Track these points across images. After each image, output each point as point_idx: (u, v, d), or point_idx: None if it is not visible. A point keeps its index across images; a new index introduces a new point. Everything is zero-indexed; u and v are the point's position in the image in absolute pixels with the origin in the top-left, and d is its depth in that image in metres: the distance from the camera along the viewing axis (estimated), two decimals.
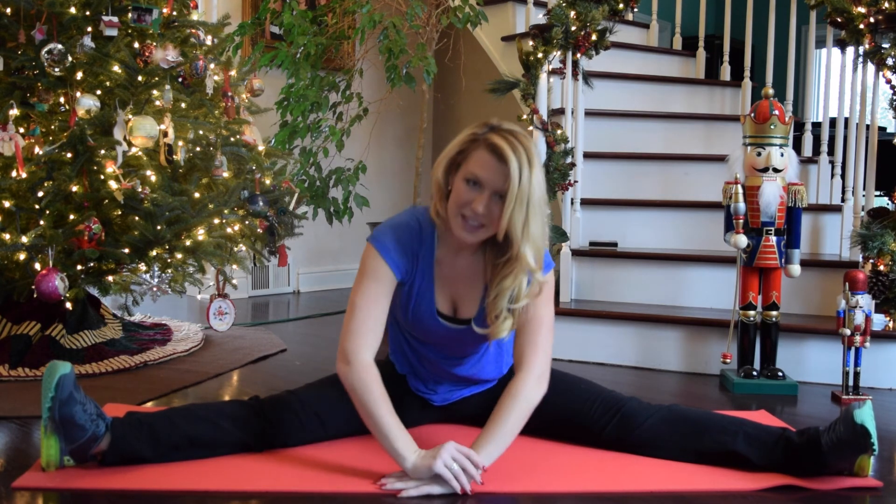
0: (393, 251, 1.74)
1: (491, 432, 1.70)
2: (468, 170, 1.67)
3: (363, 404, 1.69)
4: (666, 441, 1.85)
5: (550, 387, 1.82)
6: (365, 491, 1.66)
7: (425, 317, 1.82)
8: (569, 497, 1.68)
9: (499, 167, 1.63)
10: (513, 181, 1.62)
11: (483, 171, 1.65)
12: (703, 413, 1.94)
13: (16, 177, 2.48)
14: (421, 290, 1.80)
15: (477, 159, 1.66)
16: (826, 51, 3.74)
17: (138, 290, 2.94)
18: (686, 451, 1.85)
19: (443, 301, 1.83)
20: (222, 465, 1.76)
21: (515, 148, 1.64)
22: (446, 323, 1.83)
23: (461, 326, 1.83)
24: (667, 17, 5.43)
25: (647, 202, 3.49)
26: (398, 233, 1.77)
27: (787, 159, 2.58)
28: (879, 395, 2.55)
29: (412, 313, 1.82)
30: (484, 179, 1.65)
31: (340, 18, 4.14)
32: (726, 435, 1.83)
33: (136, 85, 2.65)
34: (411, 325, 1.87)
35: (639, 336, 2.93)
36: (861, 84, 3.03)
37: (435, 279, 1.80)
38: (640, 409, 1.90)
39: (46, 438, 1.67)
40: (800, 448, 1.76)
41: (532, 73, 3.19)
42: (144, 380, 2.53)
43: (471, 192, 1.66)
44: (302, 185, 3.85)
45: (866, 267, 2.67)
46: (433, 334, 1.87)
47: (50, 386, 1.64)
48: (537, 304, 1.78)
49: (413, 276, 1.78)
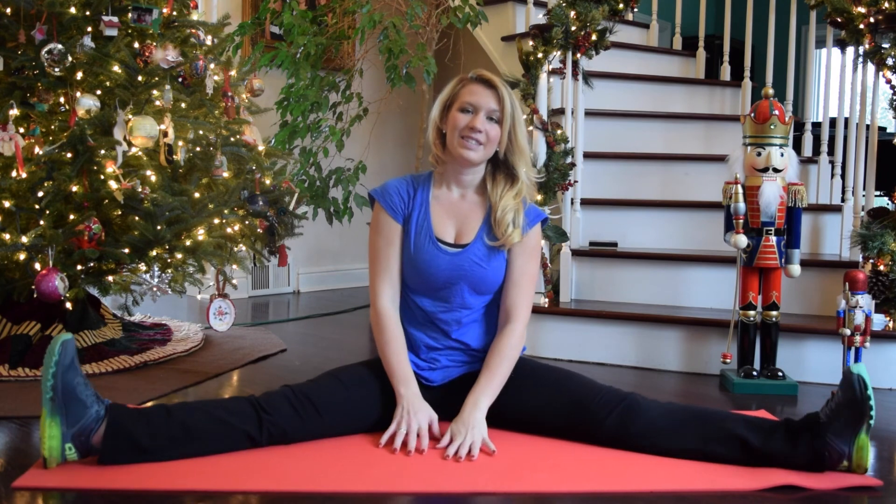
0: (389, 194, 2.02)
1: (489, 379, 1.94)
2: (461, 101, 1.96)
3: (378, 343, 1.99)
4: (669, 430, 1.87)
5: (553, 378, 1.96)
6: (365, 491, 1.66)
7: (425, 244, 1.99)
8: (569, 497, 1.68)
9: (488, 92, 1.95)
10: (505, 101, 1.94)
11: (475, 96, 1.95)
12: (704, 407, 2.00)
13: (16, 177, 2.48)
14: (419, 221, 2.01)
15: (468, 91, 1.96)
16: (826, 51, 3.74)
17: (138, 290, 2.94)
18: (688, 438, 1.85)
19: (444, 230, 2.02)
20: (222, 465, 1.76)
21: (498, 78, 1.98)
22: (447, 248, 2.00)
23: (460, 250, 2.00)
24: (667, 17, 5.43)
25: (647, 202, 3.49)
26: (395, 180, 2.07)
27: (787, 159, 2.58)
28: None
29: (414, 244, 2.00)
30: (477, 103, 1.94)
31: (340, 18, 4.14)
32: (728, 422, 1.87)
33: (136, 85, 2.65)
34: (414, 259, 1.99)
35: (639, 336, 2.93)
36: (861, 84, 3.03)
37: (432, 210, 2.02)
38: (643, 400, 1.94)
39: (49, 424, 1.66)
40: (799, 427, 1.80)
41: (532, 73, 3.19)
42: (144, 380, 2.53)
43: (466, 116, 1.95)
44: (302, 185, 3.85)
45: (866, 267, 2.67)
46: (434, 265, 1.98)
47: (53, 351, 1.66)
48: (529, 261, 2.04)
49: (411, 210, 2.02)
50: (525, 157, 1.99)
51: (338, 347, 3.20)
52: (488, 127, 1.94)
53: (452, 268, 1.98)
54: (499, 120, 1.95)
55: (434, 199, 2.04)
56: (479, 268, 1.99)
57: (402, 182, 2.05)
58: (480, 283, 2.01)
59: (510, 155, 1.99)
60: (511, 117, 1.95)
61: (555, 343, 3.02)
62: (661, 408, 1.92)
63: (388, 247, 2.00)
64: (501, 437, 1.98)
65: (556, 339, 3.02)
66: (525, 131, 2.00)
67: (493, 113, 1.94)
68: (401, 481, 1.70)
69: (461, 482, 1.70)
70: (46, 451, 1.68)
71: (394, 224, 2.00)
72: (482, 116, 1.93)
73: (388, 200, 2.01)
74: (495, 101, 1.94)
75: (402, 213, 2.01)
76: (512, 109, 1.95)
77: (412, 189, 2.04)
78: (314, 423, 1.87)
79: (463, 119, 1.94)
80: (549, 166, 3.11)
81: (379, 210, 2.02)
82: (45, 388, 1.66)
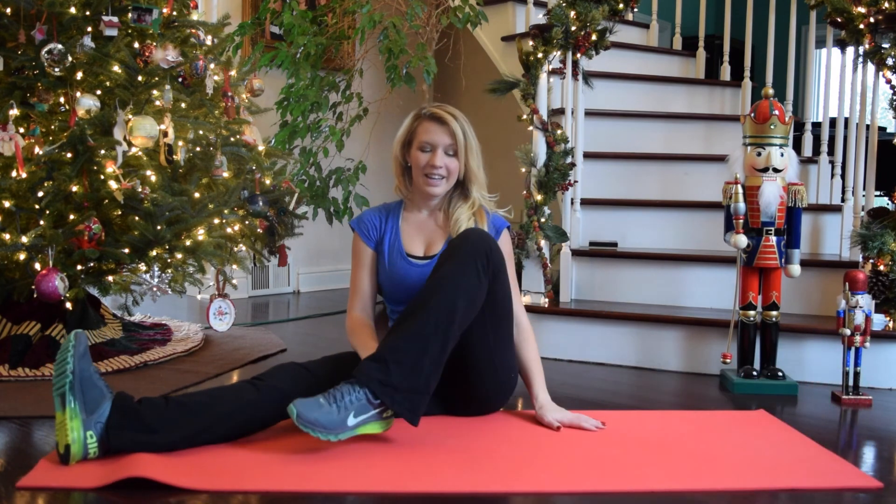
0: (364, 223, 2.24)
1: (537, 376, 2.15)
2: (419, 140, 2.15)
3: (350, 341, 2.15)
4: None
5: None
6: (365, 491, 1.66)
7: (398, 260, 2.18)
8: (569, 497, 1.68)
9: (442, 129, 2.13)
10: (458, 135, 2.12)
11: (430, 135, 2.13)
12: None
13: (16, 177, 2.48)
14: (391, 242, 2.21)
15: (423, 129, 2.15)
16: (826, 51, 3.74)
17: (138, 290, 2.94)
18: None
19: (413, 246, 2.21)
20: (223, 464, 1.76)
21: (450, 111, 2.15)
22: (416, 261, 2.18)
23: (430, 260, 2.16)
24: (667, 17, 5.44)
25: (647, 202, 3.49)
26: (370, 211, 2.29)
27: (787, 159, 2.58)
28: (879, 395, 2.56)
29: (388, 262, 2.19)
30: (433, 141, 2.13)
31: (340, 18, 4.14)
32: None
33: (136, 85, 2.65)
34: (389, 275, 2.18)
35: (639, 336, 2.93)
36: (861, 84, 3.03)
37: (402, 232, 2.22)
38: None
39: (69, 415, 1.69)
40: None
41: (532, 73, 3.19)
42: (144, 380, 2.53)
43: (426, 155, 2.14)
44: (302, 185, 3.85)
45: (866, 267, 2.67)
46: (408, 279, 2.15)
47: (68, 341, 1.73)
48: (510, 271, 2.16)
49: (383, 234, 2.22)
50: (478, 181, 2.19)
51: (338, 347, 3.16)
52: (447, 161, 2.13)
53: (423, 277, 2.07)
54: (455, 153, 2.14)
55: (404, 222, 2.24)
56: None
57: (376, 211, 2.27)
58: None
59: (465, 180, 2.19)
60: (465, 148, 2.14)
61: (555, 343, 3.02)
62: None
63: (361, 270, 2.23)
64: (502, 436, 1.99)
65: (555, 339, 3.02)
66: (478, 158, 2.18)
67: (448, 148, 2.13)
68: (401, 481, 1.70)
69: (461, 482, 1.70)
70: (71, 442, 1.68)
71: (367, 249, 2.23)
72: (440, 153, 2.12)
73: (363, 229, 2.24)
74: (449, 136, 2.12)
75: (374, 238, 2.23)
76: (465, 140, 2.13)
77: (384, 216, 2.25)
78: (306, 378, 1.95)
79: (423, 158, 2.14)
80: (549, 166, 3.11)
81: (356, 238, 2.25)
82: (62, 376, 1.70)
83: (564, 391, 2.49)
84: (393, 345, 1.86)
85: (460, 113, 2.17)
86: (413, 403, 1.83)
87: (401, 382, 1.81)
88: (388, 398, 1.80)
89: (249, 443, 1.89)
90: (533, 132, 3.18)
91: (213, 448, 1.85)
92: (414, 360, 1.84)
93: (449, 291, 1.90)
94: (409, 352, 1.84)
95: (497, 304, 2.02)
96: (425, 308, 1.88)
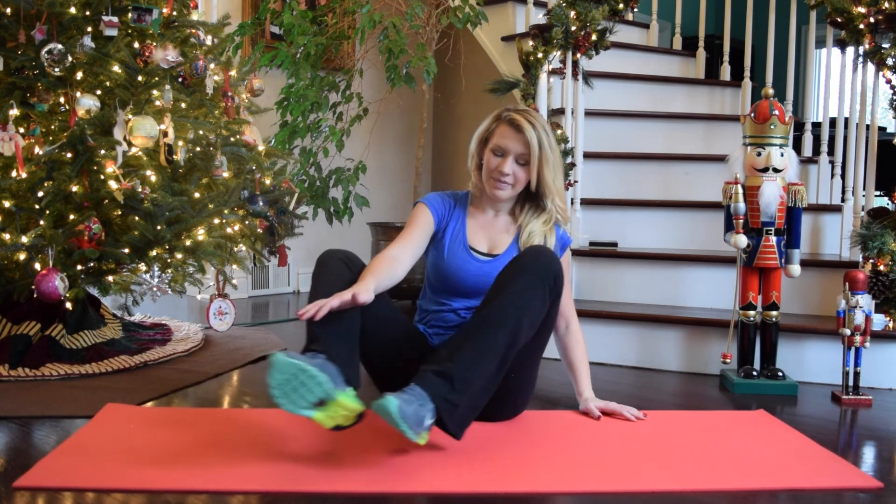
0: (433, 200, 2.21)
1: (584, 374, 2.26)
2: (494, 143, 2.13)
3: (372, 262, 2.05)
4: None
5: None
6: (365, 491, 1.66)
7: (459, 250, 2.16)
8: (569, 497, 1.68)
9: (517, 136, 2.09)
10: (532, 145, 2.08)
11: (505, 140, 2.10)
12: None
13: (16, 177, 2.48)
14: (455, 232, 2.19)
15: (500, 133, 2.12)
16: (826, 51, 3.74)
17: (138, 290, 2.94)
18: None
19: (478, 241, 2.19)
20: (224, 464, 1.76)
21: (530, 121, 2.10)
22: (478, 256, 2.17)
23: (492, 259, 2.17)
24: (667, 17, 5.44)
25: (647, 202, 3.49)
26: (438, 193, 2.25)
27: (787, 159, 2.58)
28: (879, 395, 2.56)
29: (448, 251, 2.16)
30: (506, 147, 2.10)
31: (340, 18, 4.14)
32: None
33: (136, 85, 2.65)
34: (446, 264, 2.15)
35: (639, 336, 2.93)
36: (861, 84, 3.04)
37: (468, 224, 2.21)
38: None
39: (340, 392, 1.70)
40: None
41: (532, 73, 3.19)
42: (144, 380, 2.53)
43: (497, 159, 2.11)
44: (302, 185, 3.86)
45: (866, 267, 2.67)
46: (463, 271, 2.14)
47: (287, 358, 1.69)
48: (567, 276, 2.14)
49: (448, 222, 2.20)
50: (552, 191, 2.14)
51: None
52: (516, 169, 2.10)
53: (481, 274, 2.12)
54: (527, 162, 2.10)
55: (470, 216, 2.22)
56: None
57: (445, 197, 2.24)
58: None
59: (539, 191, 2.15)
60: (538, 159, 2.09)
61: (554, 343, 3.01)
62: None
63: (416, 230, 2.15)
64: (502, 437, 1.99)
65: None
66: (553, 169, 2.12)
67: (520, 157, 2.10)
68: (401, 481, 1.70)
69: (461, 482, 1.70)
70: (350, 408, 1.70)
71: (430, 221, 2.17)
72: (510, 161, 2.10)
73: (433, 202, 2.20)
74: (523, 145, 2.08)
75: (441, 218, 2.19)
76: (539, 151, 2.08)
77: (451, 203, 2.23)
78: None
79: (494, 162, 2.12)
80: None
81: (422, 208, 2.19)
82: (318, 385, 1.68)
83: (565, 391, 2.48)
84: (460, 362, 1.82)
85: (542, 120, 2.13)
86: (465, 420, 1.83)
87: (461, 401, 1.80)
88: (447, 415, 1.78)
89: (249, 443, 1.90)
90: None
91: (213, 448, 1.86)
92: (476, 381, 1.83)
93: (519, 313, 1.89)
94: (473, 371, 1.82)
95: (545, 325, 2.02)
96: (495, 326, 1.86)
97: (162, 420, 2.09)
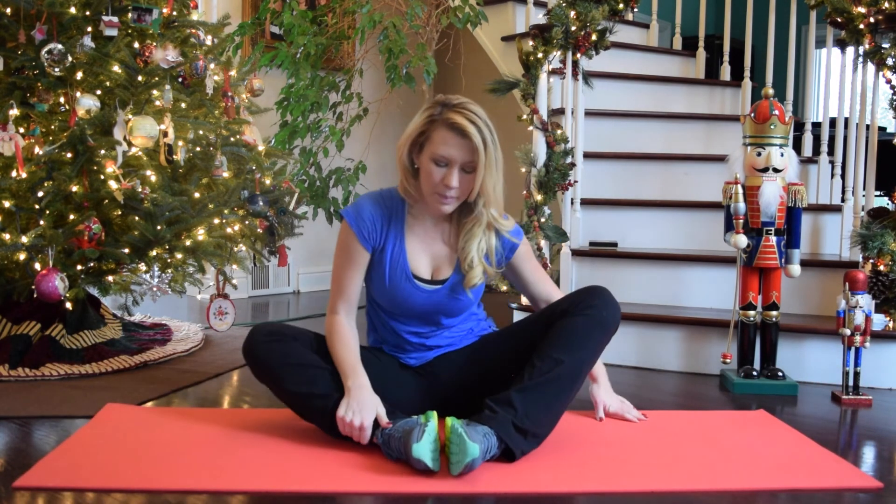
0: (363, 220, 1.94)
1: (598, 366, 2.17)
2: (433, 151, 1.85)
3: (328, 344, 1.95)
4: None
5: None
6: (365, 491, 1.66)
7: (402, 281, 1.96)
8: (569, 497, 1.68)
9: (462, 143, 1.82)
10: (479, 153, 1.82)
11: (448, 149, 1.83)
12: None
13: (16, 177, 2.48)
14: (394, 255, 1.96)
15: (440, 139, 1.84)
16: (826, 51, 3.74)
17: (138, 290, 2.94)
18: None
19: (420, 265, 1.98)
20: (224, 464, 1.76)
21: (473, 121, 1.82)
22: (423, 285, 1.97)
23: (438, 287, 1.98)
24: (667, 17, 5.44)
25: (647, 202, 3.49)
26: (369, 203, 1.97)
27: (787, 159, 2.58)
28: (879, 395, 2.56)
29: (389, 279, 1.96)
30: (450, 156, 1.83)
31: (340, 18, 4.15)
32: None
33: (136, 85, 2.65)
34: (390, 293, 1.97)
35: (639, 336, 2.93)
36: (861, 84, 3.03)
37: (407, 245, 1.97)
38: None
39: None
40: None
41: (532, 73, 3.19)
42: (144, 380, 2.53)
43: (440, 170, 1.85)
44: (302, 185, 3.86)
45: (866, 267, 2.67)
46: (410, 300, 1.98)
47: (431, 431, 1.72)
48: (531, 260, 2.10)
49: (385, 241, 1.96)
50: (489, 200, 1.91)
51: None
52: (463, 180, 1.87)
53: (430, 303, 1.99)
54: (473, 169, 1.86)
55: (409, 232, 1.98)
56: (457, 300, 2.01)
57: (377, 208, 1.96)
58: (460, 310, 2.05)
59: (480, 199, 1.91)
60: (483, 167, 1.84)
61: None
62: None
63: (351, 270, 1.96)
64: None
65: None
66: (496, 174, 1.88)
67: (467, 165, 1.85)
68: (401, 482, 1.70)
69: (462, 483, 1.70)
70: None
71: (362, 252, 1.95)
72: (455, 172, 1.84)
73: (361, 227, 1.94)
74: (469, 152, 1.83)
75: (374, 243, 1.96)
76: (486, 157, 1.83)
77: (386, 218, 1.96)
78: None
79: (437, 174, 1.85)
80: (549, 166, 3.11)
81: (349, 234, 1.95)
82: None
83: None
84: (535, 416, 1.82)
85: (481, 113, 1.86)
86: (529, 448, 1.84)
87: (529, 448, 1.83)
88: (514, 445, 1.78)
89: (249, 443, 1.90)
90: (533, 132, 3.18)
91: (212, 448, 1.86)
92: (546, 433, 1.87)
93: (589, 367, 1.97)
94: (547, 427, 1.87)
95: None
96: (569, 381, 1.88)
97: (162, 420, 2.09)
